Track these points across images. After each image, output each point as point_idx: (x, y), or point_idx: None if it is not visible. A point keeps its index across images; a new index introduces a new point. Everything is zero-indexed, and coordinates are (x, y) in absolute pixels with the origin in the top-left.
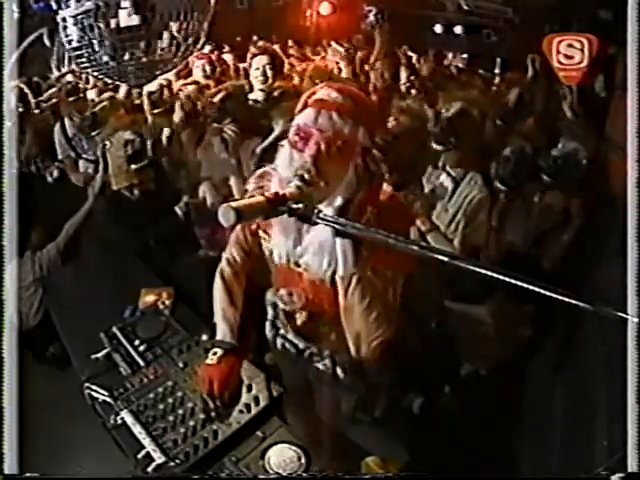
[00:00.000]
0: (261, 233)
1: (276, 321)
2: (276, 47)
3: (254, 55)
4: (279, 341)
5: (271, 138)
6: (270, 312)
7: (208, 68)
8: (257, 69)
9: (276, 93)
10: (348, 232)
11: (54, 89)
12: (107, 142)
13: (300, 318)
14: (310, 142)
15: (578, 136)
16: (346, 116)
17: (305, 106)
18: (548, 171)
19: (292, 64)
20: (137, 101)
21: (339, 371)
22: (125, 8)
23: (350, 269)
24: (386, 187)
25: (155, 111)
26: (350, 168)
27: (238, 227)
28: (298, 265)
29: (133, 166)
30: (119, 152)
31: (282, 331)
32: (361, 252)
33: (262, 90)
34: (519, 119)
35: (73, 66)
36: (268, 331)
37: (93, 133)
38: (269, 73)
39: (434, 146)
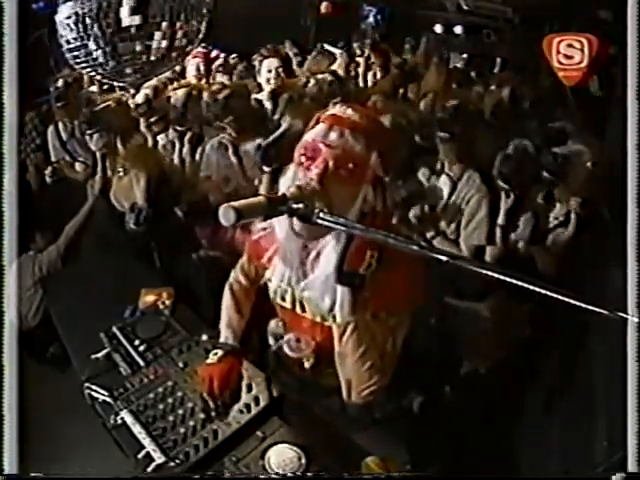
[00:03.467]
0: (266, 272)
1: (279, 353)
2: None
3: (264, 57)
4: (282, 375)
5: (278, 132)
6: (273, 343)
7: (202, 67)
8: (269, 71)
9: (285, 95)
10: (349, 280)
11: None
12: (120, 169)
13: (308, 363)
14: (317, 160)
15: (584, 138)
16: (359, 135)
17: (317, 123)
18: (548, 167)
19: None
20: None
21: (346, 407)
22: (126, 8)
23: (346, 317)
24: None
25: (151, 120)
26: (359, 198)
27: (245, 256)
28: (302, 306)
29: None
30: (126, 202)
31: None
32: (360, 298)
33: (270, 91)
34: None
35: (66, 71)
36: (271, 361)
37: (90, 131)
38: (282, 75)
39: (440, 135)
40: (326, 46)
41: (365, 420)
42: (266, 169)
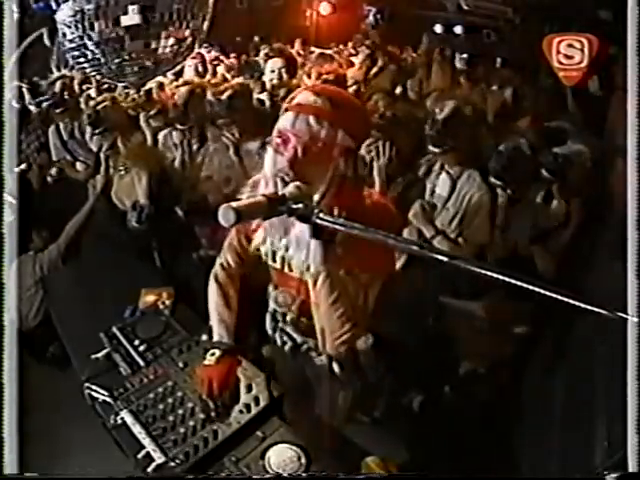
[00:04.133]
0: (254, 236)
1: (276, 314)
2: (291, 50)
3: (268, 57)
4: (278, 334)
5: None
6: (271, 305)
7: (200, 68)
8: (272, 71)
9: (282, 92)
10: (322, 233)
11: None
12: (121, 167)
13: (290, 315)
14: (288, 146)
15: (583, 138)
16: (323, 120)
17: (286, 110)
18: (548, 167)
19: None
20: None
21: (335, 366)
22: (130, 8)
23: (318, 266)
24: (374, 192)
25: (150, 113)
26: (330, 170)
27: (233, 232)
28: (290, 266)
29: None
30: (128, 200)
31: (281, 324)
32: (332, 251)
33: (270, 90)
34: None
35: (65, 71)
36: (268, 323)
37: (96, 131)
38: (285, 76)
39: (430, 149)
40: (318, 50)
41: (353, 382)
42: None
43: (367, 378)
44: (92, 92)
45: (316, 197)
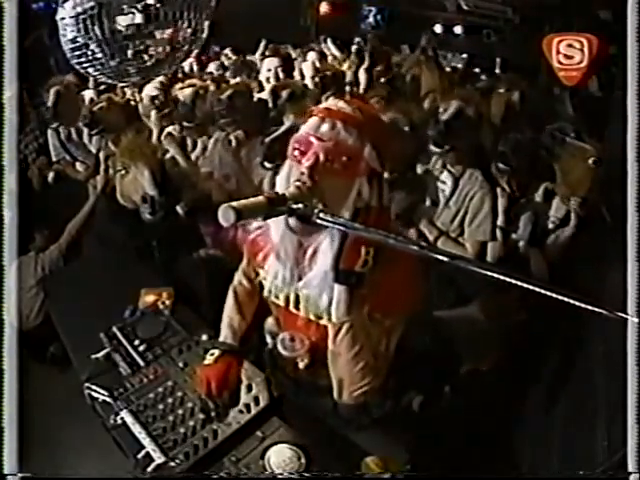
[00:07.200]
0: (260, 271)
1: (274, 352)
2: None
3: (265, 57)
4: (278, 374)
5: (281, 129)
6: (270, 341)
7: (195, 67)
8: (269, 70)
9: (284, 93)
10: (346, 279)
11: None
12: (120, 168)
13: (302, 363)
14: (309, 153)
15: (584, 139)
16: (351, 127)
17: (310, 116)
18: (547, 146)
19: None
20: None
21: (340, 407)
22: (128, 7)
23: (341, 317)
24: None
25: (160, 114)
26: (353, 192)
27: (245, 260)
28: (297, 305)
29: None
30: (136, 195)
31: (288, 371)
32: (357, 299)
33: (271, 90)
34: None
35: (59, 77)
36: (267, 360)
37: (93, 132)
38: (281, 75)
39: (432, 148)
40: (330, 43)
41: (357, 421)
42: (268, 165)
43: (373, 413)
44: (91, 94)
45: (334, 238)
